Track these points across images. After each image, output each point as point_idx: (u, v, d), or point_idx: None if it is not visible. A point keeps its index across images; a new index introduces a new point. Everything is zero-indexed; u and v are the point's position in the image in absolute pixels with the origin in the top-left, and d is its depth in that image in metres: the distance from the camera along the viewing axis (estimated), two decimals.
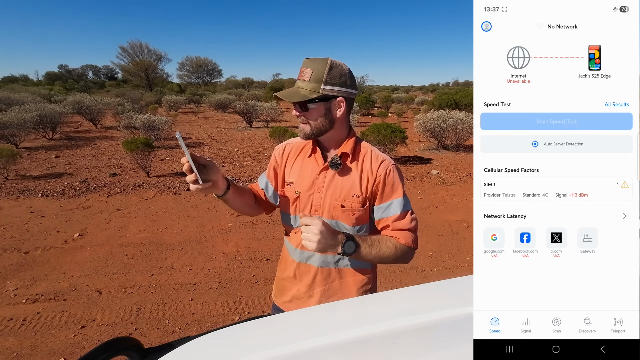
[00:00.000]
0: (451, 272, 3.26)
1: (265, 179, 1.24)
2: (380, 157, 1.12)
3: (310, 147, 1.15)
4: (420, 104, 21.08)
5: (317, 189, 1.11)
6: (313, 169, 1.13)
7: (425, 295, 0.81)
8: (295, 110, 1.08)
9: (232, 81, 50.59)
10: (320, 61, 1.03)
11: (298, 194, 1.14)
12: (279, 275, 1.27)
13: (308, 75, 1.02)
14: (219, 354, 0.66)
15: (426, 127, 8.39)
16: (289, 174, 1.18)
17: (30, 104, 11.33)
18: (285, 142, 1.24)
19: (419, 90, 53.62)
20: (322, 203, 1.11)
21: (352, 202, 1.09)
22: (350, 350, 0.61)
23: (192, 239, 3.87)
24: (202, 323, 2.53)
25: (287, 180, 1.18)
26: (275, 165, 1.21)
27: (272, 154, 1.23)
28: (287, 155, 1.19)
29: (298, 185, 1.14)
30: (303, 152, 1.18)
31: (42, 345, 2.28)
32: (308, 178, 1.12)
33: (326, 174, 1.11)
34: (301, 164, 1.16)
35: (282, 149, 1.21)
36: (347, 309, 0.77)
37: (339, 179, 1.10)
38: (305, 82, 1.03)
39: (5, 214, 4.51)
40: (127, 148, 6.02)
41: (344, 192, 1.09)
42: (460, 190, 5.72)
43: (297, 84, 1.05)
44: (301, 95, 1.02)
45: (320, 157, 1.13)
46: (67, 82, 42.21)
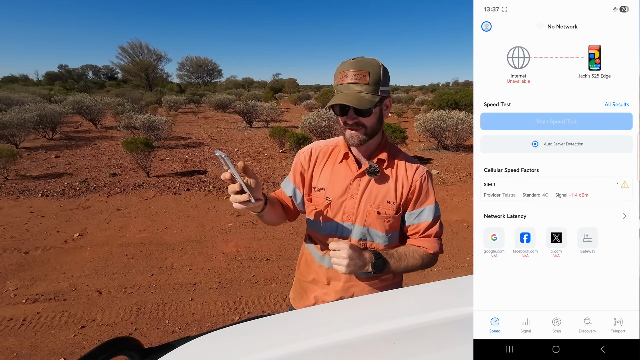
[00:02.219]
0: (451, 272, 3.26)
1: (291, 186, 1.18)
2: (414, 163, 1.12)
3: (341, 151, 1.10)
4: (420, 104, 21.07)
5: (351, 196, 1.08)
6: (346, 175, 1.09)
7: (425, 295, 0.81)
8: (349, 118, 1.00)
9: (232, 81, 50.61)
10: (371, 61, 0.98)
11: (330, 200, 1.09)
12: (302, 278, 1.23)
13: (366, 78, 0.96)
14: (219, 354, 0.66)
15: (426, 127, 8.39)
16: (317, 180, 1.13)
17: (30, 104, 11.33)
18: (310, 146, 1.18)
19: (419, 90, 53.60)
20: (355, 210, 1.08)
21: (386, 209, 1.07)
22: (350, 350, 0.61)
23: (192, 239, 3.87)
24: (202, 323, 2.53)
25: (316, 186, 1.13)
26: (302, 170, 1.15)
27: (296, 159, 1.17)
28: (314, 160, 1.14)
29: (329, 191, 1.10)
30: (332, 156, 1.13)
31: (42, 345, 2.28)
32: (340, 184, 1.09)
33: (360, 181, 1.08)
34: (332, 170, 1.11)
35: (309, 153, 1.15)
36: (347, 309, 0.77)
37: (374, 186, 1.07)
38: (365, 86, 0.96)
39: (5, 214, 4.51)
40: (127, 148, 6.02)
41: (378, 198, 1.07)
42: (460, 190, 5.72)
43: (353, 87, 0.96)
44: (369, 101, 0.96)
45: (353, 162, 1.09)
46: (67, 82, 42.23)
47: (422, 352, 0.60)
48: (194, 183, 5.87)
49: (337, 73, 1.00)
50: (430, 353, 0.60)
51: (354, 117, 0.99)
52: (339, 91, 0.98)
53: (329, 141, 1.17)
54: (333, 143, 1.15)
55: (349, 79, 0.97)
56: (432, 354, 0.60)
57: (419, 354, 0.60)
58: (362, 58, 0.98)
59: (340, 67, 1.01)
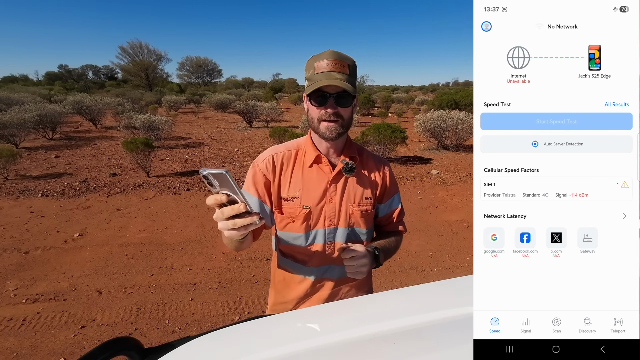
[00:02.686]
0: (451, 272, 3.26)
1: (255, 200, 1.03)
2: (378, 156, 1.14)
3: (307, 154, 1.05)
4: (420, 104, 21.09)
5: (330, 199, 1.03)
6: (320, 179, 1.03)
7: (425, 295, 0.81)
8: (329, 107, 0.94)
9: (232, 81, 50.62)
10: (346, 55, 0.96)
11: (308, 208, 1.03)
12: (281, 300, 1.14)
13: (347, 68, 0.93)
14: (219, 354, 0.66)
15: (426, 127, 8.39)
16: (287, 189, 1.04)
17: (30, 104, 11.34)
18: (268, 153, 1.06)
19: (419, 90, 53.65)
20: (337, 213, 1.04)
21: (366, 206, 1.06)
22: (350, 350, 0.61)
23: (192, 239, 3.87)
24: (202, 323, 2.53)
25: (287, 196, 1.04)
26: (266, 181, 1.04)
27: (254, 169, 1.05)
28: (279, 168, 1.04)
29: (305, 199, 1.03)
30: (298, 161, 1.06)
31: (42, 345, 2.28)
32: (316, 189, 1.03)
33: (337, 182, 1.04)
34: (302, 175, 1.04)
35: (270, 162, 1.04)
36: (347, 309, 0.77)
37: (351, 184, 1.05)
38: (346, 76, 0.93)
39: (5, 214, 4.51)
40: (127, 148, 6.02)
41: (357, 196, 1.05)
42: (460, 190, 5.72)
43: (335, 75, 0.91)
44: (352, 89, 0.92)
45: (327, 164, 1.04)
46: (67, 82, 42.24)
47: (422, 352, 0.60)
48: (194, 183, 5.87)
49: (314, 63, 0.95)
50: (430, 353, 0.60)
51: (334, 107, 0.94)
52: (318, 79, 0.92)
53: (287, 145, 1.09)
54: (294, 146, 1.08)
55: (330, 66, 0.92)
56: (432, 354, 0.60)
57: (419, 354, 0.60)
58: (338, 51, 0.96)
59: (316, 57, 0.96)
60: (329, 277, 1.09)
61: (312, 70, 0.96)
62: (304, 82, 1.02)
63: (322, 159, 1.04)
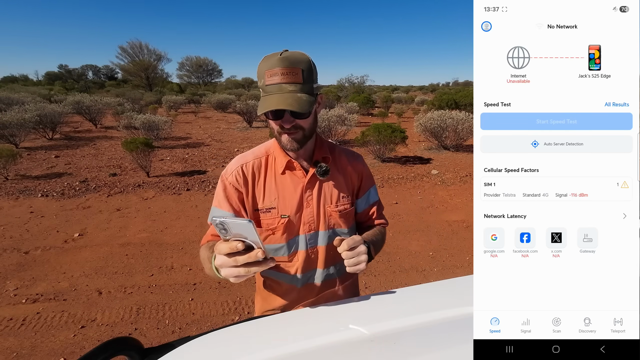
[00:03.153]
0: (451, 272, 3.26)
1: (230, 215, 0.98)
2: (350, 151, 1.12)
3: (277, 160, 1.01)
4: (420, 104, 21.08)
5: (307, 205, 1.01)
6: (294, 184, 1.00)
7: (425, 295, 0.81)
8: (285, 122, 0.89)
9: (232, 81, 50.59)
10: (300, 56, 0.88)
11: (287, 217, 0.99)
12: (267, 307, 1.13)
13: (299, 76, 0.86)
14: (219, 354, 0.66)
15: (426, 127, 8.39)
16: (262, 200, 1.00)
17: (30, 104, 11.34)
18: (235, 164, 1.01)
19: (419, 90, 53.61)
20: (315, 217, 1.02)
21: (344, 205, 1.05)
22: (350, 350, 0.61)
23: (192, 239, 3.87)
24: (202, 323, 2.53)
25: (263, 207, 1.00)
26: (239, 194, 0.99)
27: (224, 183, 1.00)
28: (250, 179, 1.00)
29: (282, 208, 0.99)
30: (269, 169, 1.01)
31: (42, 345, 2.28)
32: (292, 197, 1.00)
33: (313, 186, 1.01)
34: (275, 184, 1.00)
35: (240, 173, 0.99)
36: (347, 309, 0.77)
37: (326, 186, 1.03)
38: (299, 85, 0.86)
39: (5, 214, 4.51)
40: (127, 148, 6.02)
41: (334, 197, 1.03)
42: (460, 190, 5.72)
43: (286, 87, 0.86)
44: (307, 102, 0.86)
45: (299, 169, 1.00)
46: (67, 82, 42.24)
47: (422, 352, 0.60)
48: (194, 183, 5.87)
49: (264, 71, 0.87)
50: (430, 353, 0.60)
51: (291, 121, 0.89)
52: (270, 92, 0.87)
53: (255, 152, 1.04)
54: (262, 153, 1.03)
55: (279, 78, 0.85)
56: (432, 354, 0.60)
57: (419, 354, 0.60)
58: (289, 53, 0.87)
59: (265, 63, 0.88)
60: (314, 281, 1.07)
61: (263, 80, 0.88)
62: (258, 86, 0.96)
63: (294, 164, 1.00)
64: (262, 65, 0.89)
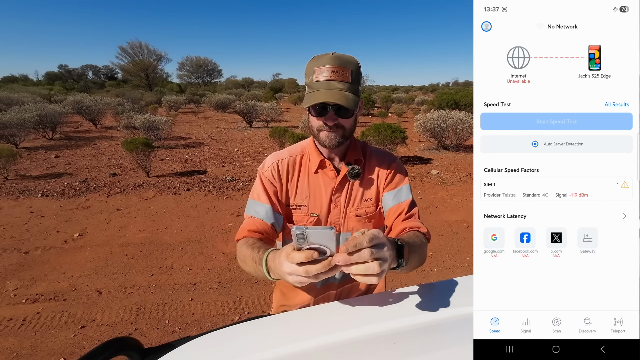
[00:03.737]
0: (451, 272, 3.26)
1: (268, 209, 0.99)
2: (384, 152, 1.09)
3: (312, 159, 1.02)
4: (420, 104, 21.08)
5: (334, 205, 1.02)
6: (326, 185, 1.01)
7: (425, 295, 0.81)
8: (328, 119, 0.90)
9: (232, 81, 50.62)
10: (350, 59, 0.90)
11: (316, 216, 1.01)
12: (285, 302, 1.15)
13: (348, 76, 0.88)
14: (219, 354, 0.66)
15: (426, 127, 8.39)
16: (294, 197, 1.02)
17: (30, 104, 11.33)
18: (272, 159, 1.04)
19: (419, 90, 53.63)
20: (341, 218, 1.02)
21: (365, 209, 1.03)
22: (350, 350, 0.61)
23: (192, 239, 3.87)
24: (202, 323, 2.53)
25: (294, 204, 1.02)
26: (275, 189, 1.01)
27: (261, 178, 1.02)
28: (285, 175, 1.02)
29: (312, 206, 1.01)
30: (303, 167, 1.03)
31: (42, 345, 2.28)
32: (323, 196, 1.01)
33: (342, 187, 1.02)
34: (308, 182, 1.02)
35: (275, 169, 1.02)
36: (347, 309, 0.77)
37: (353, 188, 1.02)
38: (347, 84, 0.88)
39: (5, 214, 4.51)
40: (126, 148, 6.02)
41: (357, 199, 1.02)
42: (460, 190, 5.72)
43: (334, 84, 0.87)
44: (353, 100, 0.88)
45: (331, 169, 1.01)
46: (67, 82, 42.27)
47: (422, 352, 0.60)
48: (194, 183, 5.87)
49: (313, 68, 0.90)
50: (430, 353, 0.60)
51: (334, 118, 0.91)
52: (317, 88, 0.89)
53: (291, 150, 1.06)
54: (297, 151, 1.05)
55: (328, 75, 0.87)
56: (432, 353, 0.60)
57: (419, 354, 0.60)
58: (339, 54, 0.90)
59: (315, 61, 0.91)
60: (332, 280, 1.10)
61: (311, 77, 0.91)
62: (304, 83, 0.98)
63: (327, 163, 1.01)
64: (311, 63, 0.92)
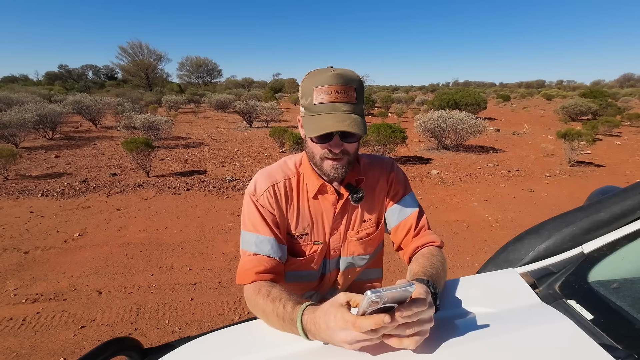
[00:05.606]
0: (451, 272, 3.26)
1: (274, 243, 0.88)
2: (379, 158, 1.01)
3: (309, 182, 0.92)
4: (420, 104, 21.08)
5: (335, 230, 0.96)
6: (327, 210, 0.94)
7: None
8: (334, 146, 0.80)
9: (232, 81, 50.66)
10: (352, 74, 0.80)
11: (320, 244, 0.95)
12: None
13: (353, 95, 0.78)
14: (219, 354, 0.66)
15: (426, 127, 8.39)
16: (294, 225, 0.93)
17: (30, 103, 11.32)
18: (262, 183, 0.91)
19: (419, 90, 53.65)
20: (341, 243, 0.97)
21: (365, 230, 0.97)
22: (350, 350, 0.61)
23: (192, 239, 3.87)
24: (202, 323, 2.53)
25: (296, 234, 0.93)
26: (273, 217, 0.90)
27: (255, 204, 0.89)
28: (283, 201, 0.91)
29: (316, 234, 0.94)
30: (301, 191, 0.93)
31: (42, 345, 2.28)
32: (324, 222, 0.94)
33: (345, 211, 0.95)
34: (308, 208, 0.93)
35: (271, 195, 0.90)
36: None
37: (353, 210, 0.95)
38: (353, 105, 0.78)
39: (5, 214, 4.50)
40: (126, 148, 6.02)
41: (357, 222, 0.96)
42: (460, 190, 5.72)
43: (340, 107, 0.77)
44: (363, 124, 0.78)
45: (332, 193, 0.92)
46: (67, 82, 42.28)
47: (423, 352, 0.60)
48: (194, 183, 5.87)
49: (312, 88, 0.78)
50: (431, 353, 0.60)
51: (340, 145, 0.80)
52: (319, 112, 0.78)
53: (284, 169, 0.94)
54: (292, 172, 0.94)
55: (332, 96, 0.77)
56: (432, 353, 0.60)
57: (420, 354, 0.60)
58: (341, 70, 0.79)
59: (313, 80, 0.79)
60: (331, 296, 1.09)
61: (310, 98, 0.79)
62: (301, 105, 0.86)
63: (327, 187, 0.92)
64: (308, 81, 0.80)
